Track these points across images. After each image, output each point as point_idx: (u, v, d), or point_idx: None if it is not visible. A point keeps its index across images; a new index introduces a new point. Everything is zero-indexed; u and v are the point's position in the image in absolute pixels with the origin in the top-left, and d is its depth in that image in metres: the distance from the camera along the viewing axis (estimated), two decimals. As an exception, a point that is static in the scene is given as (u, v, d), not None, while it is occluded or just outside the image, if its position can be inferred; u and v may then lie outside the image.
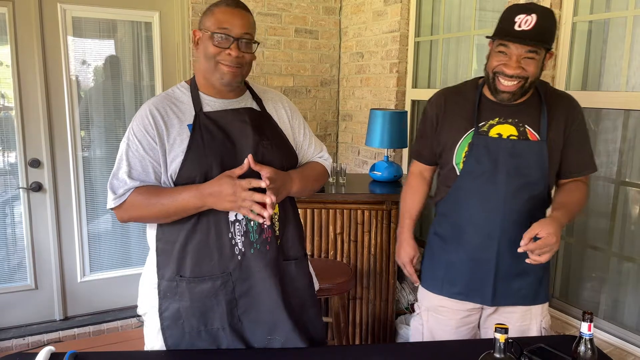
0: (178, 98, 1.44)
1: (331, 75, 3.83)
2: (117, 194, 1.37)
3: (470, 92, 1.69)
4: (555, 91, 1.71)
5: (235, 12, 1.36)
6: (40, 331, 3.09)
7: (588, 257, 2.36)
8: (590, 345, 1.26)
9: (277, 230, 1.47)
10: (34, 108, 3.00)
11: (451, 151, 1.68)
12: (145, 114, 1.38)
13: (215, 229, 1.38)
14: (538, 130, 1.61)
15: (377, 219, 2.72)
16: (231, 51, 1.35)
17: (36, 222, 3.10)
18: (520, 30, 1.49)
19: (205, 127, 1.38)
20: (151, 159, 1.37)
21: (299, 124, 1.59)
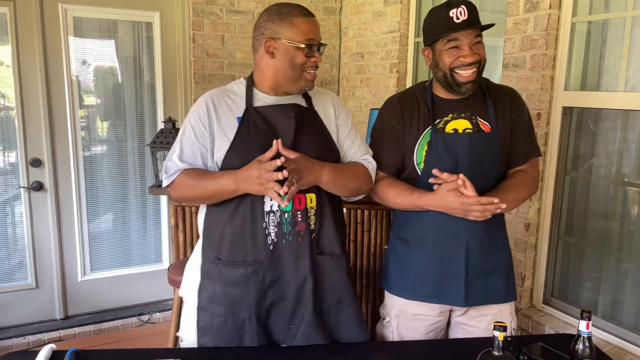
0: (234, 92, 1.54)
1: (331, 75, 3.84)
2: (169, 173, 1.50)
3: (420, 94, 1.72)
4: (496, 85, 1.77)
5: (313, 21, 1.47)
6: (41, 330, 3.10)
7: (587, 257, 2.37)
8: (588, 343, 1.27)
9: (313, 224, 1.50)
10: (34, 107, 3.01)
11: (412, 152, 1.68)
12: (201, 103, 1.51)
13: (251, 217, 1.46)
14: (489, 120, 1.66)
15: (377, 219, 2.73)
16: (317, 58, 1.47)
17: (37, 222, 3.11)
18: (462, 21, 1.55)
19: (252, 121, 1.48)
20: (200, 144, 1.48)
21: (345, 123, 1.63)
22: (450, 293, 1.68)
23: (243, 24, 3.45)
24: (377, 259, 2.78)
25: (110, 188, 3.32)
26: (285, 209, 1.46)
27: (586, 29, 2.28)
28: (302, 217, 1.48)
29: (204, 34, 3.33)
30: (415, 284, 1.72)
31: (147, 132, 3.35)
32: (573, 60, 2.29)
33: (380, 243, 2.75)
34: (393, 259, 1.79)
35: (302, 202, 1.49)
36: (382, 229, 2.74)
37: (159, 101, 3.35)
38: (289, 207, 1.47)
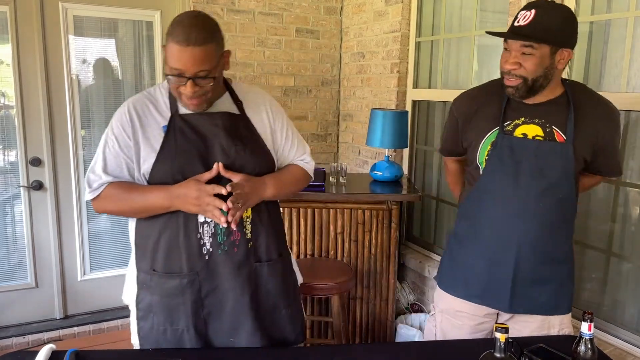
0: (157, 98, 1.47)
1: (332, 75, 3.83)
2: (92, 187, 1.44)
3: (497, 91, 1.66)
4: (592, 94, 1.65)
5: (187, 51, 1.30)
6: (41, 329, 3.09)
7: (588, 258, 2.36)
8: (590, 345, 1.26)
9: (249, 233, 1.47)
10: (34, 107, 3.00)
11: (475, 149, 1.66)
12: (123, 111, 1.44)
13: (185, 229, 1.42)
14: (565, 132, 1.56)
15: (377, 219, 2.73)
16: (186, 88, 1.34)
17: (37, 221, 3.10)
18: (517, 26, 1.51)
19: (179, 130, 1.41)
20: (125, 156, 1.43)
21: (281, 126, 1.57)
22: (495, 296, 1.66)
23: (244, 23, 3.45)
24: (378, 260, 2.77)
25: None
26: None
27: (588, 29, 2.27)
28: (238, 227, 1.44)
29: (204, 33, 3.32)
30: (462, 282, 1.72)
31: (148, 132, 3.33)
32: (575, 61, 2.28)
33: (381, 243, 2.75)
34: (447, 254, 1.81)
35: None
36: (383, 229, 2.74)
37: (159, 100, 3.33)
38: None
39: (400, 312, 3.07)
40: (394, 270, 2.80)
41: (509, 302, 1.65)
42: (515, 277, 1.62)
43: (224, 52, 1.43)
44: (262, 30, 3.51)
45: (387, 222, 2.73)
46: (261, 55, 3.54)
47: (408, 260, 3.22)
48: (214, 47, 1.35)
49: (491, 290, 1.66)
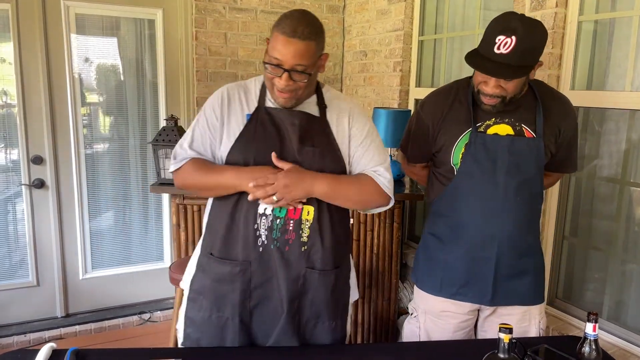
0: (249, 88, 1.54)
1: (334, 73, 3.82)
2: (177, 159, 1.51)
3: (462, 93, 1.69)
4: (551, 91, 1.72)
5: (291, 43, 1.35)
6: (42, 328, 3.09)
7: (591, 258, 2.35)
8: (594, 346, 1.26)
9: (305, 237, 1.46)
10: (36, 105, 2.99)
11: (448, 152, 1.67)
12: (218, 94, 1.52)
13: (245, 218, 1.45)
14: (534, 129, 1.63)
15: (380, 219, 2.71)
16: (281, 80, 1.38)
17: (38, 219, 3.10)
18: (498, 54, 1.47)
19: (260, 120, 1.47)
20: (211, 134, 1.49)
21: (360, 133, 1.52)
22: (478, 292, 1.70)
23: (246, 21, 3.43)
24: (380, 259, 2.76)
25: (111, 186, 3.31)
26: (278, 214, 1.45)
27: (593, 28, 2.26)
28: (294, 227, 1.45)
29: (206, 32, 3.32)
30: (443, 281, 1.74)
31: (149, 130, 3.34)
32: (579, 60, 2.27)
33: (383, 242, 2.74)
34: (423, 253, 1.82)
35: (297, 212, 1.46)
36: (385, 228, 2.72)
37: (161, 99, 3.34)
38: (282, 213, 1.45)
39: (403, 311, 3.06)
40: (396, 269, 2.79)
41: (491, 296, 1.69)
42: (497, 272, 1.67)
43: (322, 54, 1.45)
44: (264, 28, 3.50)
45: (389, 222, 2.72)
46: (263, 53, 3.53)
47: (410, 260, 3.21)
48: (316, 45, 1.39)
49: (473, 286, 1.70)
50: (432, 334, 1.79)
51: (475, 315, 1.78)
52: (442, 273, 1.73)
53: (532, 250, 1.72)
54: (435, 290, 1.76)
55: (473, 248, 1.68)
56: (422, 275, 1.81)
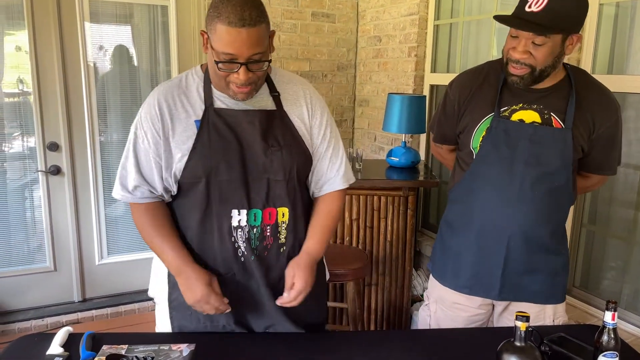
0: (189, 88, 1.35)
1: (348, 59, 3.78)
2: (123, 185, 1.36)
3: (493, 75, 1.60)
4: (592, 82, 1.57)
5: (240, 33, 1.16)
6: (59, 312, 3.14)
7: (610, 246, 2.31)
8: (613, 334, 1.23)
9: (283, 238, 1.40)
10: (51, 93, 3.01)
11: (469, 134, 1.60)
12: (152, 104, 1.32)
13: (219, 234, 1.35)
14: (563, 119, 1.50)
15: (393, 205, 2.70)
16: (239, 75, 1.23)
17: (55, 205, 3.14)
18: (529, 12, 1.38)
19: (213, 125, 1.30)
20: (154, 154, 1.32)
21: (319, 123, 1.43)
22: (485, 285, 1.63)
23: (259, 7, 3.40)
24: (394, 246, 2.75)
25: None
26: (254, 223, 1.35)
27: (614, 12, 2.19)
28: (272, 231, 1.38)
29: (219, 18, 3.30)
30: (453, 272, 1.69)
31: (163, 117, 3.34)
32: (600, 43, 2.21)
33: (397, 230, 2.72)
34: (439, 241, 1.78)
35: (273, 216, 1.37)
36: (399, 215, 2.71)
37: (174, 86, 3.33)
38: (258, 221, 1.36)
39: (416, 299, 3.05)
40: (410, 257, 2.77)
41: (498, 291, 1.62)
42: (506, 267, 1.59)
43: (271, 32, 1.29)
44: (277, 14, 3.47)
45: (403, 209, 2.70)
46: (276, 39, 3.50)
47: (424, 247, 3.19)
48: (266, 26, 1.23)
49: (480, 279, 1.63)
50: (442, 324, 1.76)
51: (487, 310, 1.72)
52: (452, 262, 1.69)
53: (549, 248, 1.60)
54: (445, 280, 1.72)
55: (482, 237, 1.60)
56: (435, 263, 1.78)
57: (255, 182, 1.33)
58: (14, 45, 2.94)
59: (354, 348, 1.39)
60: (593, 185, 1.74)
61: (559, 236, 1.64)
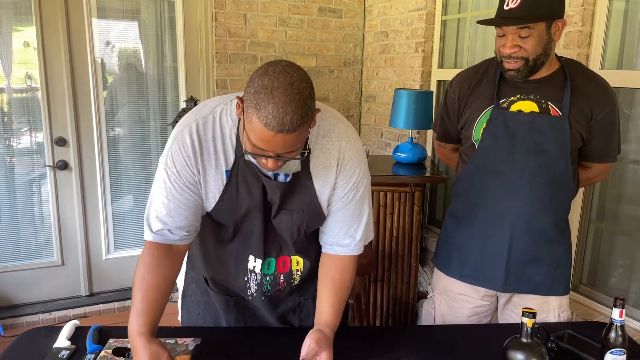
0: (224, 132, 1.22)
1: (354, 55, 3.76)
2: (152, 228, 1.24)
3: (491, 70, 1.66)
4: (587, 72, 1.63)
5: (277, 138, 1.04)
6: (67, 306, 3.16)
7: (618, 243, 2.29)
8: (621, 331, 1.22)
9: (298, 282, 1.40)
10: (59, 88, 3.03)
11: (470, 127, 1.64)
12: (185, 142, 1.20)
13: (235, 266, 1.36)
14: (560, 107, 1.55)
15: (400, 202, 2.69)
16: (268, 163, 1.12)
17: (62, 200, 3.15)
18: (508, 9, 1.47)
19: (242, 177, 1.23)
20: (191, 193, 1.23)
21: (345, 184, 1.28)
22: (489, 276, 1.66)
23: (265, 2, 3.40)
24: (400, 242, 2.74)
25: (133, 167, 3.34)
26: (267, 272, 1.34)
27: (624, 7, 2.17)
28: (285, 279, 1.37)
29: (226, 12, 3.29)
30: (457, 262, 1.72)
31: (170, 112, 3.35)
32: (609, 39, 2.19)
33: (403, 226, 2.72)
34: (443, 233, 1.81)
35: (287, 265, 1.35)
36: (405, 211, 2.70)
37: (181, 81, 3.34)
38: (271, 269, 1.34)
39: (422, 295, 3.04)
40: (416, 253, 2.76)
41: (502, 282, 1.64)
42: (509, 257, 1.62)
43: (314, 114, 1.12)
44: (284, 9, 3.46)
45: (409, 205, 2.69)
46: (283, 35, 3.49)
47: (430, 244, 3.18)
48: (308, 125, 1.08)
49: (485, 270, 1.66)
50: (446, 316, 1.78)
51: (491, 302, 1.74)
52: (457, 253, 1.72)
53: (552, 237, 1.63)
54: (449, 270, 1.75)
55: (486, 227, 1.64)
56: (439, 255, 1.80)
57: (270, 233, 1.31)
58: (22, 41, 2.96)
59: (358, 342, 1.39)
60: (596, 176, 1.75)
61: (561, 227, 1.66)
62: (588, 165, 1.68)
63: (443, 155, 1.94)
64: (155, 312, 1.20)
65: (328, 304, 1.29)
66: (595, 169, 1.69)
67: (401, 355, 1.25)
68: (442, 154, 1.94)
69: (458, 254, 1.71)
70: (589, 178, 1.74)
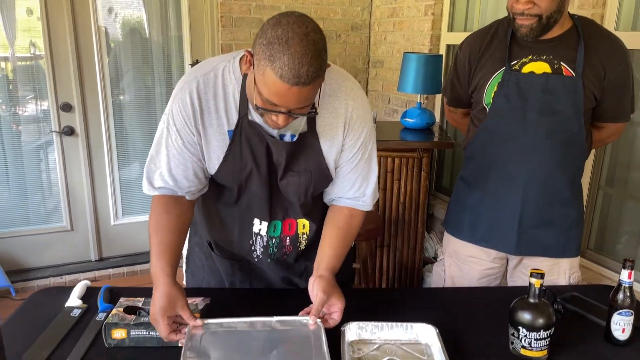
0: (226, 91, 1.19)
1: (362, 19, 3.69)
2: (152, 184, 1.26)
3: (501, 31, 1.61)
4: (600, 30, 1.58)
5: (292, 90, 1.00)
6: (77, 271, 3.22)
7: (627, 209, 2.28)
8: (629, 293, 1.22)
9: (304, 246, 1.40)
10: (63, 55, 3.01)
11: (481, 91, 1.61)
12: (185, 101, 1.18)
13: (239, 231, 1.36)
14: (574, 68, 1.51)
15: (407, 167, 2.68)
16: (278, 119, 1.09)
17: (70, 166, 3.17)
18: None
19: (245, 137, 1.20)
20: (190, 153, 1.22)
21: (352, 145, 1.26)
22: (501, 239, 1.66)
23: (271, -37, 3.31)
24: (407, 208, 2.74)
25: (139, 132, 3.34)
26: (273, 234, 1.34)
27: (642, -36, 2.10)
28: (291, 241, 1.36)
29: (231, -26, 3.22)
30: (469, 225, 1.71)
31: (175, 77, 3.32)
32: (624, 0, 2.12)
33: (410, 192, 2.71)
34: (454, 198, 1.80)
35: (293, 228, 1.35)
36: (413, 177, 2.69)
37: (185, 46, 3.30)
38: (277, 232, 1.34)
39: (428, 261, 3.07)
40: (422, 219, 2.77)
41: (515, 244, 1.64)
42: (521, 219, 1.61)
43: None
44: (290, -29, 3.38)
45: (417, 171, 2.68)
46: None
47: (437, 210, 3.18)
48: (322, 79, 1.06)
49: (497, 232, 1.65)
50: (456, 279, 1.78)
51: (501, 264, 1.75)
52: (469, 216, 1.71)
53: (565, 199, 1.61)
54: (460, 233, 1.75)
55: (498, 190, 1.63)
56: (451, 219, 1.80)
57: (276, 196, 1.30)
58: (25, 9, 2.93)
59: (365, 304, 1.40)
60: (609, 136, 1.72)
61: (575, 189, 1.65)
62: (601, 125, 1.65)
63: (454, 120, 1.92)
64: (174, 252, 1.20)
65: (330, 247, 1.28)
66: (608, 129, 1.67)
67: (411, 316, 1.26)
68: (452, 119, 1.91)
69: (470, 217, 1.71)
70: (602, 139, 1.71)
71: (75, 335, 1.19)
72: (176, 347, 1.12)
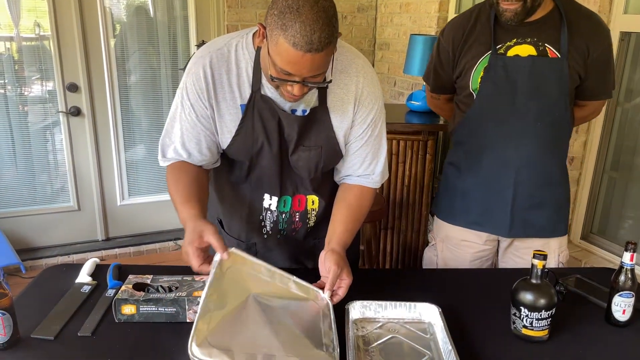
0: (240, 66, 1.22)
1: (369, 1, 3.65)
2: (166, 157, 1.30)
3: (483, 14, 1.59)
4: (579, 8, 1.57)
5: (305, 57, 1.03)
6: (84, 250, 3.26)
7: (631, 194, 2.28)
8: (631, 275, 1.23)
9: (313, 223, 1.42)
10: (69, 35, 3.00)
11: (467, 76, 1.60)
12: (199, 75, 1.20)
13: (250, 207, 1.38)
14: (558, 49, 1.51)
15: (412, 150, 2.68)
16: (293, 89, 1.11)
17: (76, 146, 3.19)
18: None
19: (258, 112, 1.23)
20: (203, 127, 1.25)
21: (362, 121, 1.29)
22: (495, 222, 1.66)
23: (277, -57, 3.27)
24: (411, 191, 2.75)
25: (145, 114, 3.35)
26: (283, 209, 1.37)
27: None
28: (301, 217, 1.39)
29: (237, -46, 3.20)
30: (461, 210, 1.72)
31: (180, 58, 3.32)
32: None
33: (415, 174, 2.72)
34: (443, 183, 1.80)
35: (302, 203, 1.38)
36: (418, 160, 2.69)
37: (191, 27, 3.29)
38: (287, 207, 1.37)
39: (431, 244, 3.09)
40: (427, 202, 2.78)
41: (508, 227, 1.65)
42: (514, 202, 1.62)
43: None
44: (296, -49, 3.34)
45: (422, 153, 2.68)
46: None
47: (441, 193, 3.19)
48: (334, 46, 1.07)
49: (490, 216, 1.66)
50: (449, 262, 1.79)
51: (493, 246, 1.76)
52: (460, 202, 1.71)
53: (555, 180, 1.64)
54: (452, 218, 1.75)
55: (490, 175, 1.63)
56: (441, 204, 1.80)
57: (287, 171, 1.32)
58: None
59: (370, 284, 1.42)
60: (591, 113, 1.74)
61: (563, 168, 1.67)
62: (583, 103, 1.66)
63: (436, 107, 1.90)
64: (198, 199, 1.23)
65: (342, 223, 1.30)
66: (590, 106, 1.69)
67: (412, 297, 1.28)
68: (435, 105, 1.90)
69: (462, 202, 1.71)
70: (584, 116, 1.73)
71: (86, 310, 1.22)
72: (184, 323, 1.15)
